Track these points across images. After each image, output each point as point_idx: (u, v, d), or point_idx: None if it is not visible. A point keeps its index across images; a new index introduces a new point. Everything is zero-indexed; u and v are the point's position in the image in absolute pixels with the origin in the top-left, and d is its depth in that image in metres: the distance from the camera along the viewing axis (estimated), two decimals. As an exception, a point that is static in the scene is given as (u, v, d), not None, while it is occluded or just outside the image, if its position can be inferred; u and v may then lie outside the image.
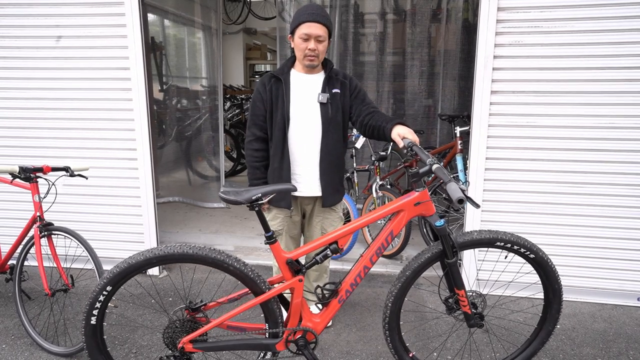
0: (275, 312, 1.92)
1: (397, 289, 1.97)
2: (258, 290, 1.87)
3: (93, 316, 1.85)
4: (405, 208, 1.89)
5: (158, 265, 1.84)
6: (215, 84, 5.24)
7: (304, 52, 2.30)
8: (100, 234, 3.51)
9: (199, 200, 5.39)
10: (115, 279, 1.80)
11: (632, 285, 3.05)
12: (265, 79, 2.44)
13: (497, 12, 2.82)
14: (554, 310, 2.08)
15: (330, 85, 2.41)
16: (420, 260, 1.94)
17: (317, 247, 1.93)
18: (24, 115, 3.44)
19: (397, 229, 1.92)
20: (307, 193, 2.49)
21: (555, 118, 2.91)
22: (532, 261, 1.99)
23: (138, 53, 3.20)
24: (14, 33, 3.32)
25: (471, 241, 1.93)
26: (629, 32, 2.73)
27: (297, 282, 1.90)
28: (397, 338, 2.04)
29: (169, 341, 1.89)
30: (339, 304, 1.96)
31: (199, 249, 1.80)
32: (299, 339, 1.95)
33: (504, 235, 1.93)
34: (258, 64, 10.50)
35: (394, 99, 4.94)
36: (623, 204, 2.94)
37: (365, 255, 1.95)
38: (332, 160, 2.45)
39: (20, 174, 2.49)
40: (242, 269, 1.83)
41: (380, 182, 3.79)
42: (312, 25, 2.24)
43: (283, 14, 4.78)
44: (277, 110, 2.40)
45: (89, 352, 1.90)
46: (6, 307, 2.99)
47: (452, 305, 2.02)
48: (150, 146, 3.34)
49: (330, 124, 2.40)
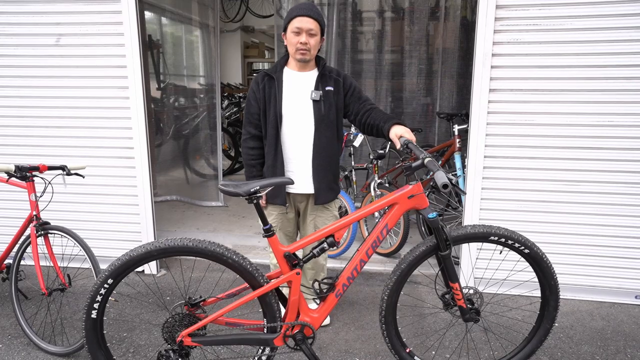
0: (273, 306, 1.92)
1: (393, 282, 1.98)
2: (256, 284, 1.89)
3: (94, 310, 1.86)
4: (399, 201, 1.91)
5: (158, 258, 1.84)
6: (213, 82, 5.22)
7: (296, 46, 2.32)
8: (97, 233, 3.50)
9: (197, 199, 5.37)
10: (117, 271, 1.81)
11: (630, 283, 3.05)
12: (258, 77, 2.47)
13: (496, 9, 2.81)
14: (551, 307, 2.07)
15: (324, 82, 2.43)
16: (415, 254, 1.95)
17: (313, 241, 1.94)
18: (20, 113, 3.42)
19: (392, 222, 1.94)
20: (300, 190, 2.50)
21: (554, 116, 2.91)
22: (527, 256, 1.98)
23: (135, 51, 3.18)
24: (10, 31, 3.30)
25: (465, 235, 1.93)
26: (628, 30, 2.73)
27: (294, 276, 1.91)
28: (393, 333, 2.05)
29: (168, 336, 1.90)
30: (336, 298, 1.98)
31: (198, 241, 1.82)
32: (296, 333, 1.96)
33: (498, 229, 1.92)
34: (256, 62, 10.48)
35: (392, 97, 4.94)
36: (622, 202, 2.94)
37: (362, 249, 1.97)
38: (324, 158, 2.46)
39: (16, 172, 2.47)
40: (240, 262, 1.85)
41: (378, 181, 3.79)
42: (304, 19, 2.27)
43: (281, 12, 4.77)
44: (270, 108, 2.42)
45: (89, 346, 1.90)
46: (3, 306, 2.98)
47: (448, 301, 2.03)
48: (147, 145, 3.32)
49: (323, 121, 2.41)
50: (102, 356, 1.93)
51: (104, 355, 1.94)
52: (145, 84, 3.27)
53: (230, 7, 8.30)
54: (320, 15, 2.33)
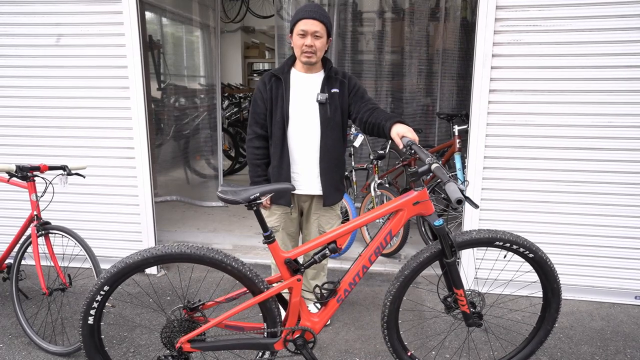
0: (274, 311, 1.91)
1: (396, 289, 1.96)
2: (256, 290, 1.87)
3: (90, 316, 1.83)
4: (404, 207, 1.89)
5: (155, 265, 1.82)
6: (213, 83, 5.23)
7: (301, 48, 2.30)
8: (98, 233, 3.50)
9: (197, 199, 5.38)
10: (113, 278, 1.79)
11: (629, 284, 3.05)
12: (265, 77, 2.45)
13: (496, 10, 2.81)
14: (552, 309, 2.08)
15: (329, 85, 2.42)
16: (419, 260, 1.93)
17: (315, 247, 1.92)
18: (21, 113, 3.42)
19: (396, 228, 1.92)
20: (305, 191, 2.50)
21: (554, 117, 2.91)
22: (531, 260, 1.98)
23: (135, 51, 3.19)
24: (11, 31, 3.31)
25: (470, 240, 1.91)
26: (628, 30, 2.73)
27: (295, 282, 1.89)
28: (395, 337, 2.04)
29: (167, 341, 1.88)
30: (337, 304, 1.96)
31: (196, 248, 1.79)
32: (297, 338, 1.94)
33: (503, 234, 1.92)
34: (256, 62, 10.48)
35: (393, 97, 4.95)
36: (621, 203, 2.94)
37: (364, 255, 1.95)
38: (331, 160, 2.45)
39: (17, 172, 2.48)
40: (240, 269, 1.82)
41: (378, 181, 3.79)
42: (309, 21, 2.26)
43: (281, 12, 4.78)
44: (277, 109, 2.41)
45: (87, 351, 1.88)
46: (3, 306, 2.98)
47: (450, 304, 2.01)
48: (148, 145, 3.33)
49: (329, 124, 2.41)
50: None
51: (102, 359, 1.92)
52: (145, 84, 3.27)
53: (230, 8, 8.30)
54: (326, 17, 2.30)
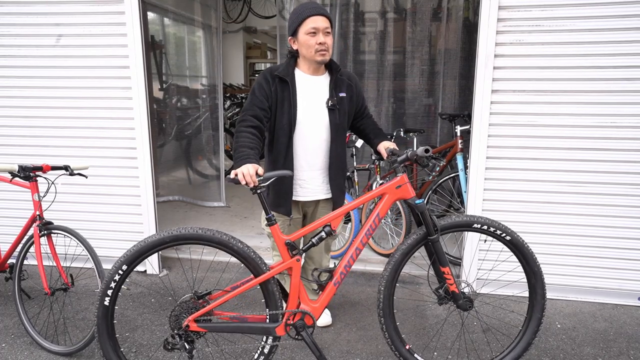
0: (275, 294, 2.03)
1: (388, 272, 2.10)
2: (259, 271, 2.01)
3: (107, 297, 1.93)
4: (388, 191, 2.07)
5: (171, 246, 1.94)
6: (215, 83, 5.23)
7: (315, 47, 2.18)
8: (100, 233, 3.51)
9: (199, 199, 5.38)
10: (131, 258, 1.91)
11: (632, 285, 3.04)
12: (268, 76, 2.26)
13: (498, 10, 2.81)
14: (538, 295, 2.15)
15: (337, 88, 2.34)
16: (407, 243, 2.09)
17: (312, 229, 2.07)
18: (24, 113, 3.43)
19: (383, 211, 2.09)
20: (311, 197, 2.45)
21: (557, 117, 2.90)
22: (509, 244, 2.11)
23: (138, 52, 3.19)
24: (13, 31, 3.32)
25: (451, 224, 2.09)
26: (631, 30, 2.72)
27: (294, 262, 2.02)
28: (392, 326, 2.13)
29: (175, 324, 1.97)
30: (335, 287, 2.09)
31: (207, 230, 1.96)
32: (298, 321, 2.04)
33: (481, 218, 2.09)
34: (258, 62, 10.50)
35: (395, 98, 4.94)
36: (624, 204, 2.93)
37: (357, 238, 2.10)
38: (339, 165, 2.42)
39: (20, 172, 2.48)
40: (245, 250, 2.00)
41: (380, 181, 3.79)
42: (319, 18, 2.17)
43: (283, 13, 4.78)
44: (284, 114, 2.27)
45: (99, 335, 1.96)
46: (6, 306, 2.99)
47: (442, 295, 2.14)
48: (150, 145, 3.33)
49: (338, 129, 2.35)
50: (110, 347, 1.99)
51: (112, 347, 1.99)
52: (147, 85, 3.28)
53: (232, 8, 8.32)
54: (329, 13, 2.25)
